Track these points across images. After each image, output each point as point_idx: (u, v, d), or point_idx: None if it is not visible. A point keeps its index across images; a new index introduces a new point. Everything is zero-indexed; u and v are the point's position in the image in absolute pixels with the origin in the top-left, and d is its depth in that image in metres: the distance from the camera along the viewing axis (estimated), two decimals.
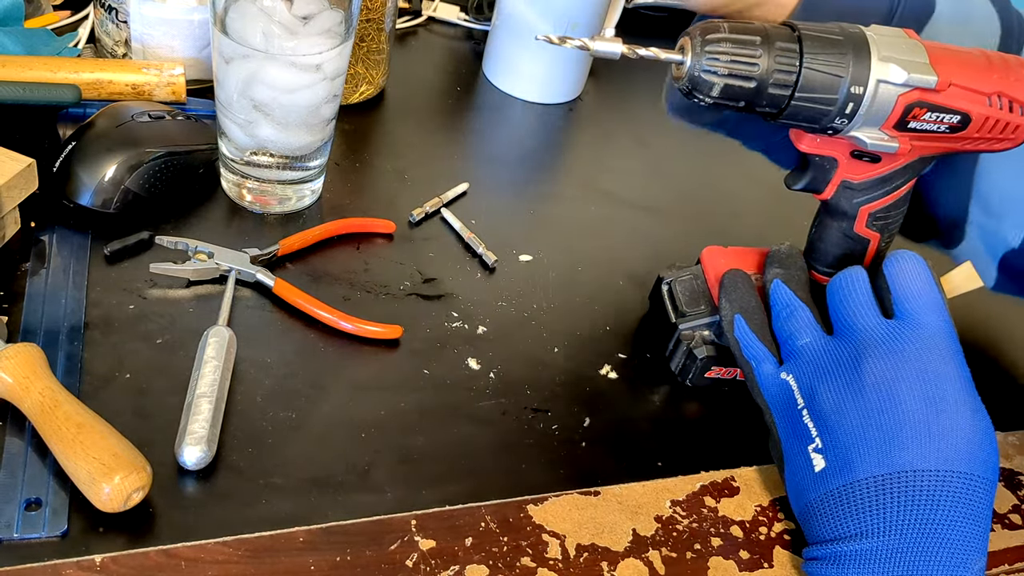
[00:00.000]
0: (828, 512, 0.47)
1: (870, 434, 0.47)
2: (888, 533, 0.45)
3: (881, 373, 0.48)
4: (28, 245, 0.58)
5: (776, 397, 0.52)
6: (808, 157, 0.54)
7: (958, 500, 0.45)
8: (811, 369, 0.50)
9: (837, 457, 0.48)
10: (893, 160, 0.53)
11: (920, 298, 0.49)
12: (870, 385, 0.48)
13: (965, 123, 0.50)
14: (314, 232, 0.63)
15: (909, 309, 0.49)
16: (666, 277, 0.63)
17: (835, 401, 0.48)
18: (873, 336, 0.49)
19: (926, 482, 0.45)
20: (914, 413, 0.47)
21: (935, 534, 0.45)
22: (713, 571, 0.51)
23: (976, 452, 0.46)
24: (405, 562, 0.47)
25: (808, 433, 0.49)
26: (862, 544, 0.46)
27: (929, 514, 0.45)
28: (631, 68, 0.92)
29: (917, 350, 0.48)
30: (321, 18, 0.59)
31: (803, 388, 0.50)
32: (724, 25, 0.48)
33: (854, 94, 0.48)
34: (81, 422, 0.45)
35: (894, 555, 0.45)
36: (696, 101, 0.49)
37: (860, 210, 0.55)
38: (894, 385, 0.47)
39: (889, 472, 0.46)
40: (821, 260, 0.58)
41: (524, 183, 0.76)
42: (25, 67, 0.64)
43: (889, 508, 0.45)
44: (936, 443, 0.46)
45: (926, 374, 0.47)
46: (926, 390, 0.47)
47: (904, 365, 0.48)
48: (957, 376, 0.48)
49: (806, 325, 0.52)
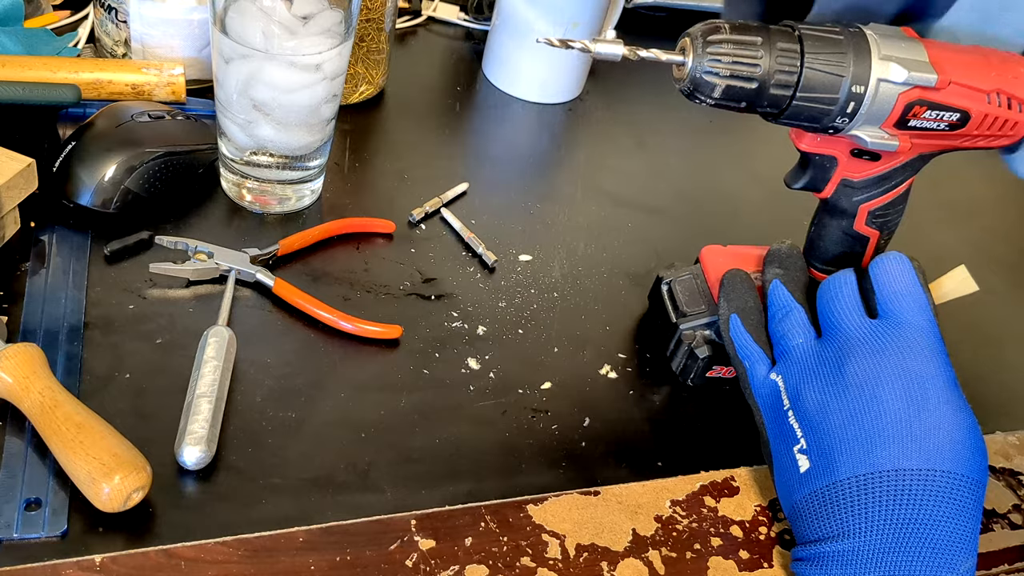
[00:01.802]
0: (813, 512, 0.47)
1: (852, 434, 0.47)
2: (870, 533, 0.45)
3: (863, 373, 0.48)
4: (28, 245, 0.58)
5: (766, 398, 0.52)
6: (808, 156, 0.54)
7: (942, 499, 0.45)
8: (798, 370, 0.50)
9: (821, 458, 0.48)
10: (893, 158, 0.53)
11: (903, 298, 0.50)
12: (852, 385, 0.48)
13: (964, 121, 0.50)
14: (314, 232, 0.63)
15: (892, 309, 0.50)
16: (665, 277, 0.63)
17: (819, 402, 0.48)
18: (856, 336, 0.49)
19: (908, 481, 0.45)
20: (895, 412, 0.46)
21: (918, 533, 0.45)
22: (713, 571, 0.51)
23: (960, 450, 0.46)
24: (405, 562, 0.47)
25: (793, 434, 0.49)
26: (844, 544, 0.45)
27: (912, 513, 0.45)
28: (631, 68, 0.92)
29: (899, 349, 0.48)
30: (321, 18, 0.59)
31: (789, 389, 0.50)
32: (725, 26, 0.48)
33: (855, 93, 0.48)
34: (81, 422, 0.45)
35: (876, 555, 0.45)
36: (698, 102, 0.49)
37: (860, 208, 0.55)
38: (876, 385, 0.47)
39: (871, 472, 0.46)
40: (821, 258, 0.59)
41: (524, 183, 0.76)
42: (25, 67, 0.64)
43: (871, 508, 0.45)
44: (918, 442, 0.46)
45: (908, 373, 0.47)
46: (908, 389, 0.47)
47: (885, 364, 0.48)
48: (940, 375, 0.48)
49: (800, 326, 0.52)
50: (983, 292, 0.57)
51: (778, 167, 0.84)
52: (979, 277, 0.56)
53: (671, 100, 0.91)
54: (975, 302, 0.58)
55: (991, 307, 0.74)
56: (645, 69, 0.93)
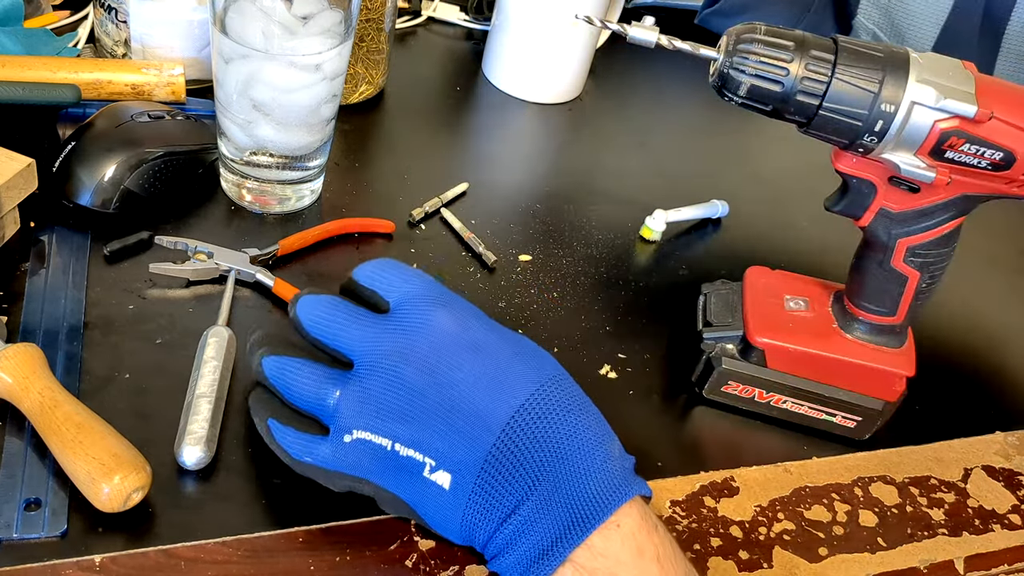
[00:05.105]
0: (480, 511, 0.44)
1: (452, 422, 0.43)
2: (538, 482, 0.43)
3: (419, 369, 0.44)
4: (28, 245, 0.58)
5: (360, 460, 0.45)
6: (847, 179, 0.53)
7: (549, 412, 0.43)
8: (368, 411, 0.44)
9: (451, 460, 0.44)
10: (933, 192, 0.52)
11: (394, 286, 0.47)
12: (419, 384, 0.44)
13: (1009, 162, 0.49)
14: (314, 232, 0.63)
15: (396, 298, 0.47)
16: (704, 289, 0.63)
17: (406, 419, 0.44)
18: (373, 346, 0.45)
19: (526, 419, 0.43)
20: (467, 380, 0.44)
21: (559, 453, 0.43)
22: (713, 571, 0.51)
23: (526, 367, 0.45)
24: (405, 562, 0.47)
25: (414, 462, 0.44)
26: (523, 512, 0.43)
27: (547, 447, 0.43)
28: (631, 68, 0.92)
29: (428, 327, 0.45)
30: (321, 18, 0.59)
31: (378, 430, 0.44)
32: (761, 27, 0.49)
33: (884, 111, 0.48)
34: (81, 422, 0.45)
35: (550, 495, 0.43)
36: (726, 99, 0.50)
37: (898, 243, 0.54)
38: (440, 371, 0.44)
39: (497, 438, 0.43)
40: (858, 294, 0.57)
41: (524, 183, 0.76)
42: (25, 67, 0.64)
43: (526, 465, 0.43)
44: (497, 390, 0.43)
45: (454, 337, 0.45)
46: (462, 357, 0.44)
47: (421, 344, 0.44)
48: (480, 322, 0.46)
49: (320, 379, 0.45)
50: (983, 292, 0.57)
51: (778, 168, 0.84)
52: (979, 277, 0.56)
53: (671, 100, 0.91)
54: (975, 302, 0.58)
55: (991, 307, 0.75)
56: (645, 69, 0.93)
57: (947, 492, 0.58)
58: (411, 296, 0.47)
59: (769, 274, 0.62)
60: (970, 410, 0.65)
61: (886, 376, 0.57)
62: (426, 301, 0.46)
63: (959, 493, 0.59)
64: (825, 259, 0.72)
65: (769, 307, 0.59)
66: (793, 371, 0.58)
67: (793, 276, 0.62)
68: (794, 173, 0.82)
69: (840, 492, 0.57)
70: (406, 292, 0.47)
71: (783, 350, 0.57)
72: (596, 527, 0.42)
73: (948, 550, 0.55)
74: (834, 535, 0.54)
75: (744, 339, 0.58)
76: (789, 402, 0.59)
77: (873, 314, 0.57)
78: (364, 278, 0.48)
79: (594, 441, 0.44)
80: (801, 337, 0.58)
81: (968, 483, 0.59)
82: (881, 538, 0.55)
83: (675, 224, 0.73)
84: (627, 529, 0.42)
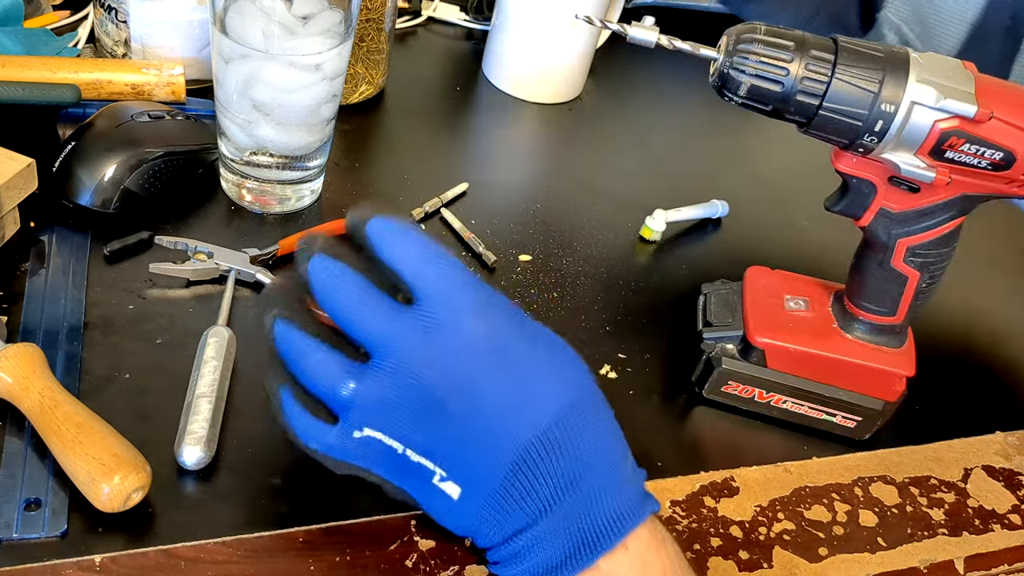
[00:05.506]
0: (492, 520, 0.43)
1: (471, 437, 0.42)
2: (552, 501, 0.42)
3: (443, 373, 0.42)
4: (28, 245, 0.58)
5: (368, 456, 0.43)
6: (847, 179, 0.53)
7: (573, 434, 0.42)
8: (382, 410, 0.42)
9: (463, 474, 0.43)
10: (933, 192, 0.52)
11: (428, 274, 0.42)
12: (440, 392, 0.42)
13: (1009, 161, 0.49)
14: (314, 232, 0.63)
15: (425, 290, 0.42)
16: (705, 289, 0.63)
17: (422, 426, 0.42)
18: (404, 345, 0.42)
19: (541, 446, 0.42)
20: (491, 393, 0.42)
21: (581, 467, 0.42)
22: (713, 571, 0.51)
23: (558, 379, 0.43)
24: (405, 562, 0.47)
25: (424, 469, 0.43)
26: (537, 528, 0.42)
27: (568, 459, 0.42)
28: (631, 68, 0.92)
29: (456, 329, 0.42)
30: (321, 18, 0.59)
31: (390, 432, 0.42)
32: (762, 28, 0.49)
33: (884, 111, 0.48)
34: (81, 422, 0.45)
35: (567, 513, 0.42)
36: (727, 99, 0.50)
37: (898, 243, 0.54)
38: (464, 380, 0.42)
39: (511, 458, 0.42)
40: (858, 294, 0.57)
41: (524, 183, 0.76)
42: (25, 67, 0.64)
43: (540, 481, 0.42)
44: (520, 408, 0.42)
45: (483, 348, 0.42)
46: (489, 367, 0.42)
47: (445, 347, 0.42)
48: (510, 326, 0.43)
49: (337, 369, 0.42)
50: (983, 292, 0.57)
51: (778, 168, 0.84)
52: (979, 277, 0.56)
53: (671, 100, 0.91)
54: (975, 302, 0.58)
55: (991, 307, 0.74)
56: (645, 69, 0.93)
57: (947, 492, 0.58)
58: (438, 289, 0.42)
59: (769, 274, 0.62)
60: (970, 410, 0.65)
61: (886, 376, 0.57)
62: (454, 297, 0.42)
63: (959, 493, 0.59)
64: (825, 259, 0.72)
65: (769, 307, 0.60)
66: (793, 371, 0.58)
67: (793, 276, 0.62)
68: (794, 173, 0.83)
69: (840, 492, 0.57)
70: (431, 279, 0.42)
71: (783, 350, 0.57)
72: (605, 552, 0.42)
73: (948, 550, 0.55)
74: (834, 535, 0.54)
75: (744, 339, 0.58)
76: (789, 402, 0.59)
77: (873, 314, 0.57)
78: (382, 249, 0.43)
79: (612, 464, 0.43)
80: (801, 337, 0.58)
81: (968, 483, 0.59)
82: (881, 538, 0.55)
83: (675, 224, 0.73)
84: (635, 550, 0.42)
